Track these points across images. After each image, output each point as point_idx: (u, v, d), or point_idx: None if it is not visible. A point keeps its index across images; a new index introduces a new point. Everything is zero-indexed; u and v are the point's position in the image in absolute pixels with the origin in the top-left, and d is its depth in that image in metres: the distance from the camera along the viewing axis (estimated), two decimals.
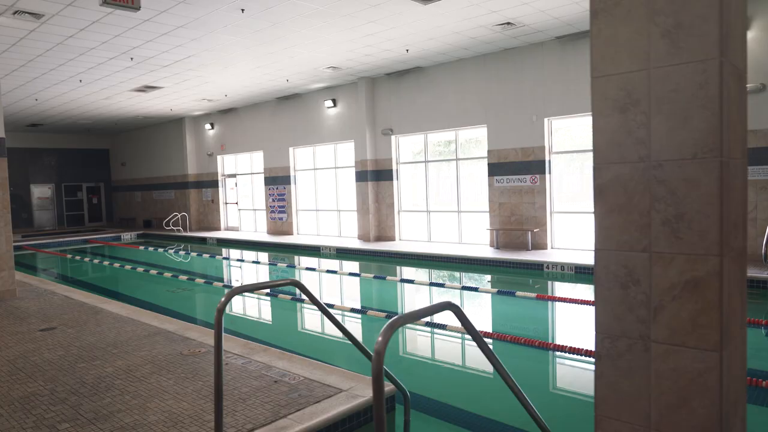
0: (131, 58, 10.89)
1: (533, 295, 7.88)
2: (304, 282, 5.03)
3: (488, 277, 9.89)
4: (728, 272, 1.65)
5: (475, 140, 12.66)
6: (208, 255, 14.63)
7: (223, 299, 2.86)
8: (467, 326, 2.18)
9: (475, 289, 8.89)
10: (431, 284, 9.40)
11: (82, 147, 24.17)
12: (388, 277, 10.16)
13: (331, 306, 7.74)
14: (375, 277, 10.30)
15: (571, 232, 11.25)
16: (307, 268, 11.93)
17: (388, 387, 3.83)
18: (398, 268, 11.30)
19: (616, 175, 1.80)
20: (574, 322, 6.99)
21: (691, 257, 1.66)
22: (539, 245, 11.30)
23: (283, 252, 14.61)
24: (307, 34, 9.74)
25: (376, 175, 14.25)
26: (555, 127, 11.24)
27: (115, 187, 24.99)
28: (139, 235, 20.09)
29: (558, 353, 5.49)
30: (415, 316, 1.91)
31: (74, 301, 7.81)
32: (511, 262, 10.23)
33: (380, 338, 1.69)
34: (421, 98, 13.19)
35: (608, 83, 1.80)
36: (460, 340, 6.13)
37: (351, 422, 3.66)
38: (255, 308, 8.43)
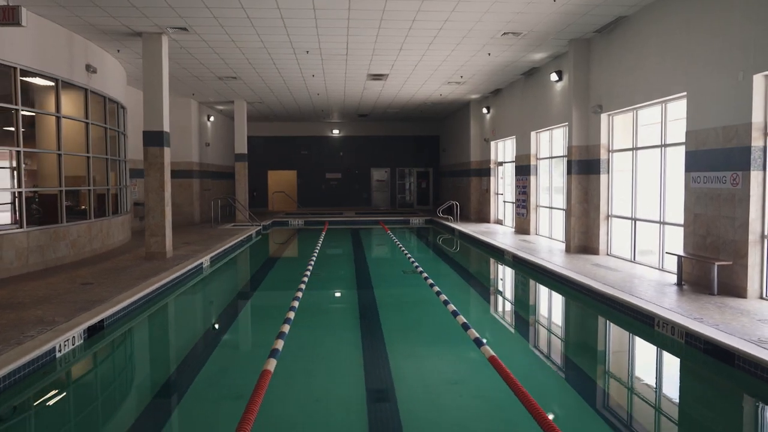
0: (307, 52, 11.80)
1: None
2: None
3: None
4: None
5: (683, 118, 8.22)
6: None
7: None
8: None
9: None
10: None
11: (416, 134, 26.83)
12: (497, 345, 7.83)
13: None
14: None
15: None
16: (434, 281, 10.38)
17: None
18: (535, 302, 8.58)
19: None
20: None
21: None
22: (732, 289, 6.62)
23: (485, 252, 13.02)
24: None
25: (581, 167, 10.97)
26: None
27: (442, 172, 26.75)
28: (427, 221, 20.85)
29: None
30: None
31: (169, 265, 9.39)
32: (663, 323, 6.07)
33: None
34: (627, 60, 9.40)
35: None
36: None
37: None
38: None
